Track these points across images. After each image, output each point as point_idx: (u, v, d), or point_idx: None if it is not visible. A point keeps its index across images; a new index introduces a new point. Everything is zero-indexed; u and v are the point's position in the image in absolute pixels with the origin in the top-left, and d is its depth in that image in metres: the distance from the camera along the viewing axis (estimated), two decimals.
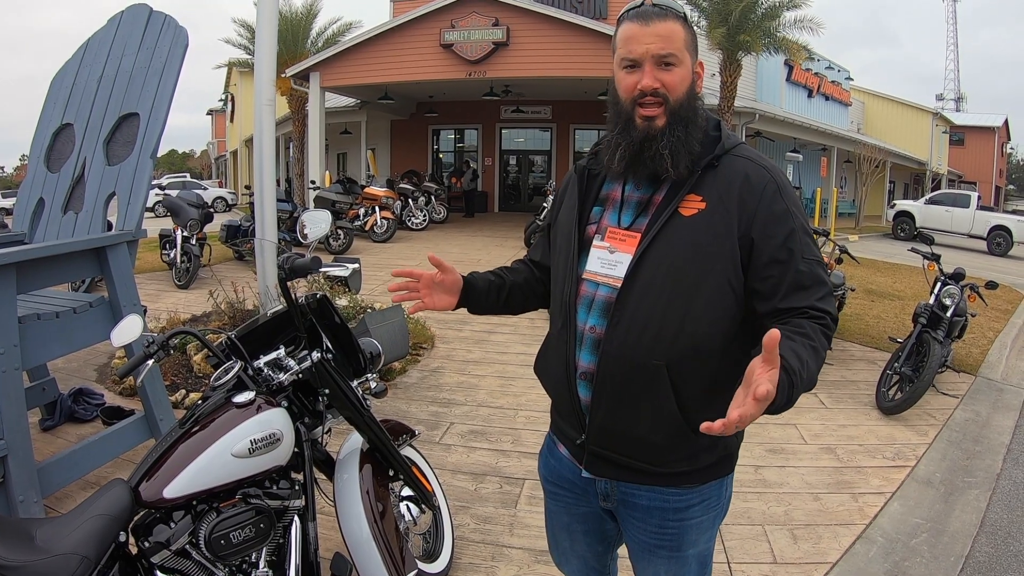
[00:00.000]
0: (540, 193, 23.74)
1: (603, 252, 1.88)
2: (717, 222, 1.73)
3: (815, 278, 1.72)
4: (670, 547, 1.95)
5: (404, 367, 6.73)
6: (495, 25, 17.68)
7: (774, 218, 1.72)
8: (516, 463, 4.75)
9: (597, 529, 2.14)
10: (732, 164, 1.78)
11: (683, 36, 1.78)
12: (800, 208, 1.78)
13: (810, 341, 1.62)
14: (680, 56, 1.77)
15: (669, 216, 1.77)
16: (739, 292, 1.75)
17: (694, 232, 1.74)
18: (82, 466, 3.99)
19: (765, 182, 1.75)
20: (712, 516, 1.96)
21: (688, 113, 1.80)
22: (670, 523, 1.92)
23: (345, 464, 2.88)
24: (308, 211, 2.92)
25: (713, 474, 1.91)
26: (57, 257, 3.84)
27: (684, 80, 1.79)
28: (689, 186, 1.78)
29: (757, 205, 1.72)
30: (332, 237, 14.78)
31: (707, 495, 1.92)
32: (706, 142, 1.83)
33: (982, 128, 51.00)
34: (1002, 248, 22.88)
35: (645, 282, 1.77)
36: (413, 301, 2.10)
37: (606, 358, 1.82)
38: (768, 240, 1.71)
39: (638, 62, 1.79)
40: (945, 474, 4.96)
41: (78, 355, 6.57)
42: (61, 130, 4.81)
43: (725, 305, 1.74)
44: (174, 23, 4.48)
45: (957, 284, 6.80)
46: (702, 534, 1.96)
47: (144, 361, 2.46)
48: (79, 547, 1.89)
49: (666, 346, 1.75)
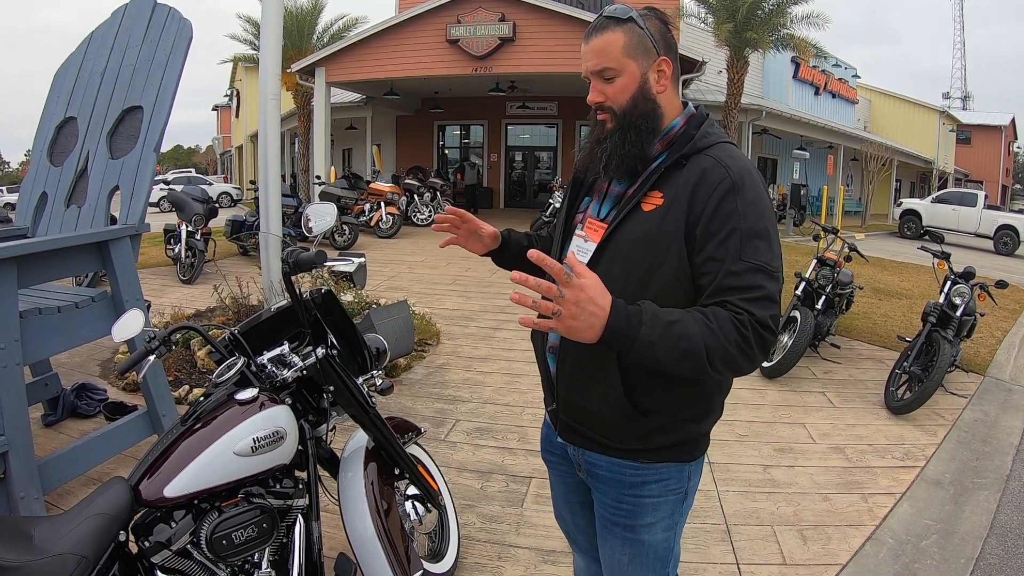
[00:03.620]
0: (545, 190, 23.76)
1: (580, 240, 2.00)
2: (670, 219, 1.77)
3: (748, 281, 1.68)
4: (624, 524, 2.02)
5: (409, 363, 6.70)
6: (501, 20, 17.63)
7: (719, 216, 1.72)
8: (523, 461, 4.71)
9: (592, 501, 2.20)
10: (697, 163, 1.80)
11: (621, 44, 1.82)
12: (759, 211, 1.74)
13: (704, 318, 1.64)
14: (618, 66, 1.83)
15: (630, 210, 1.84)
16: (687, 288, 1.77)
17: (648, 227, 1.80)
18: (84, 462, 3.97)
19: (719, 180, 1.74)
20: (671, 500, 1.99)
21: (636, 118, 1.85)
22: (626, 496, 1.99)
23: (350, 462, 2.85)
24: (313, 205, 2.88)
25: (671, 456, 1.94)
26: (59, 251, 3.81)
27: (626, 88, 1.85)
28: (652, 182, 1.83)
29: (706, 203, 1.73)
30: (337, 232, 14.76)
31: (666, 475, 1.96)
32: (682, 140, 1.87)
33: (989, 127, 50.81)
34: (1009, 247, 22.79)
35: (603, 271, 1.77)
36: (447, 236, 2.27)
37: (565, 337, 1.85)
38: (709, 238, 1.72)
39: (588, 79, 1.90)
40: (955, 475, 4.92)
41: (81, 350, 6.56)
42: (64, 124, 4.79)
43: (675, 300, 1.75)
44: (178, 16, 4.45)
45: (967, 283, 6.75)
46: (659, 517, 1.99)
47: (146, 356, 2.43)
48: (77, 547, 1.85)
49: None
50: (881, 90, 42.47)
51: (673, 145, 1.88)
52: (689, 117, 1.93)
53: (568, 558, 3.56)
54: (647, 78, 1.85)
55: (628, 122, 1.85)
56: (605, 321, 1.57)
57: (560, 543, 3.70)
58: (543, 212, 15.49)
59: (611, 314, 1.57)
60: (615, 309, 1.58)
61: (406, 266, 12.76)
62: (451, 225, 2.24)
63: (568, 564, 3.52)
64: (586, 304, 1.54)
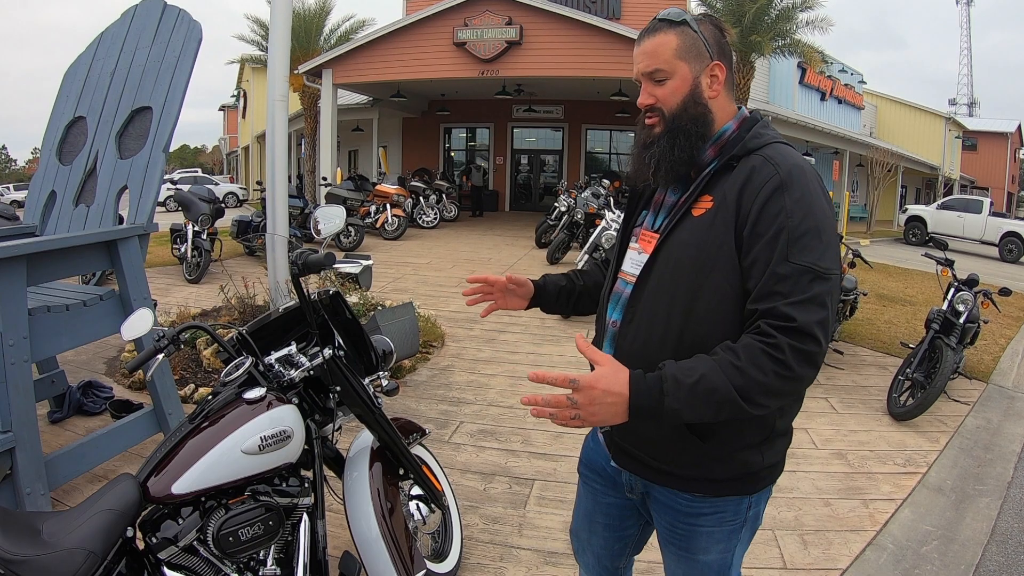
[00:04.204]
0: (551, 193, 23.73)
1: (634, 253, 1.97)
2: (719, 222, 1.73)
3: (794, 284, 1.62)
4: (679, 546, 1.98)
5: (414, 365, 6.72)
6: (508, 24, 17.68)
7: (766, 216, 1.67)
8: (526, 463, 4.73)
9: (617, 525, 2.19)
10: (747, 163, 1.75)
11: (674, 46, 1.80)
12: (809, 208, 1.67)
13: (733, 357, 1.60)
14: (669, 68, 1.80)
15: (680, 216, 1.81)
16: (739, 293, 1.72)
17: (699, 232, 1.76)
18: (90, 459, 3.99)
19: (767, 178, 1.69)
20: (727, 530, 1.92)
21: (686, 122, 1.81)
22: (680, 525, 1.94)
23: (355, 462, 2.87)
24: (322, 207, 2.91)
25: (730, 489, 1.87)
26: (68, 250, 3.83)
27: (677, 91, 1.82)
28: (702, 186, 1.80)
29: (753, 202, 1.69)
30: (343, 234, 14.79)
31: (722, 508, 1.89)
32: (734, 144, 1.81)
33: (995, 133, 50.67)
34: (1014, 255, 22.74)
35: (654, 281, 1.82)
36: (486, 304, 2.32)
37: (619, 353, 1.88)
38: (756, 239, 1.68)
39: (639, 81, 1.87)
40: (956, 481, 4.92)
41: (87, 348, 6.59)
42: (74, 123, 4.82)
43: (726, 307, 1.72)
44: (188, 17, 4.48)
45: (971, 290, 6.75)
46: (714, 544, 1.94)
47: (154, 355, 2.45)
48: (86, 542, 1.88)
49: (671, 346, 1.77)
50: (887, 96, 42.40)
51: (725, 149, 1.83)
52: (742, 120, 1.88)
53: (570, 560, 3.58)
54: (699, 82, 1.82)
55: (678, 126, 1.81)
56: (627, 405, 1.57)
57: (562, 545, 3.72)
58: (548, 215, 15.47)
59: (631, 395, 1.57)
60: (634, 389, 1.58)
61: (411, 268, 12.78)
62: (482, 294, 2.28)
63: (570, 566, 3.54)
64: (602, 398, 1.56)
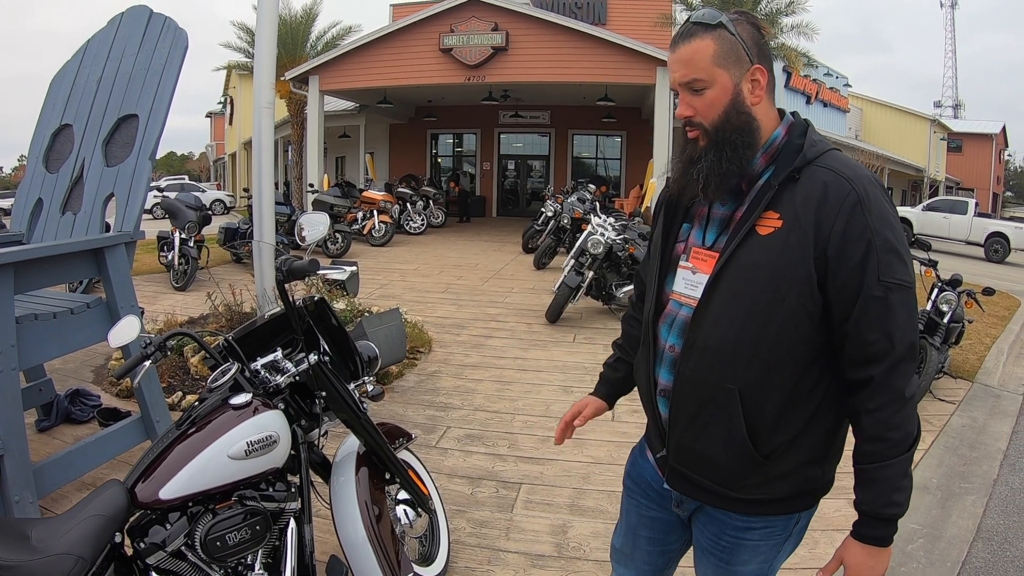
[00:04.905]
0: (538, 198, 23.75)
1: (687, 272, 1.85)
2: (793, 242, 1.63)
3: (887, 306, 1.60)
4: (720, 557, 1.94)
5: (401, 371, 6.73)
6: (494, 30, 17.72)
7: (851, 236, 1.59)
8: (512, 467, 4.75)
9: (660, 539, 2.13)
10: (813, 176, 1.66)
11: (711, 52, 1.68)
12: (887, 222, 1.62)
13: (885, 447, 1.65)
14: (708, 77, 1.69)
15: (745, 235, 1.70)
16: (816, 317, 1.66)
17: (769, 252, 1.66)
18: (78, 467, 3.98)
19: (845, 194, 1.61)
20: (772, 544, 1.90)
21: (731, 133, 1.72)
22: (726, 535, 1.90)
23: (341, 467, 2.89)
24: (306, 214, 2.92)
25: (786, 508, 1.85)
26: (55, 258, 3.84)
27: (717, 101, 1.71)
28: (766, 202, 1.68)
29: (833, 222, 1.60)
30: (330, 241, 14.77)
31: (772, 523, 1.87)
32: (788, 152, 1.74)
33: (980, 135, 51.03)
34: (999, 255, 22.92)
35: (720, 305, 1.73)
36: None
37: (681, 379, 1.81)
38: (843, 262, 1.60)
39: (675, 90, 1.77)
40: (942, 480, 4.97)
41: (75, 356, 6.57)
42: (60, 131, 4.82)
43: (801, 331, 1.67)
44: (174, 25, 4.48)
45: (954, 290, 6.84)
46: (756, 555, 1.91)
47: (141, 362, 2.46)
48: (74, 547, 1.89)
49: (739, 371, 1.71)
50: (873, 99, 42.61)
51: (779, 158, 1.74)
52: (790, 126, 1.79)
53: (557, 563, 3.61)
54: (740, 89, 1.71)
55: (722, 138, 1.71)
56: (887, 555, 1.70)
57: (550, 547, 3.75)
58: (535, 221, 15.51)
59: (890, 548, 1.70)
60: (888, 542, 1.69)
61: (398, 274, 12.79)
62: (571, 430, 2.23)
63: (556, 569, 3.57)
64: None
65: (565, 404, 5.74)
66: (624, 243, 9.23)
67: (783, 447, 1.74)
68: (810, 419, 1.74)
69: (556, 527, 3.98)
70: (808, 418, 1.74)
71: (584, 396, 2.28)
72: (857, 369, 1.66)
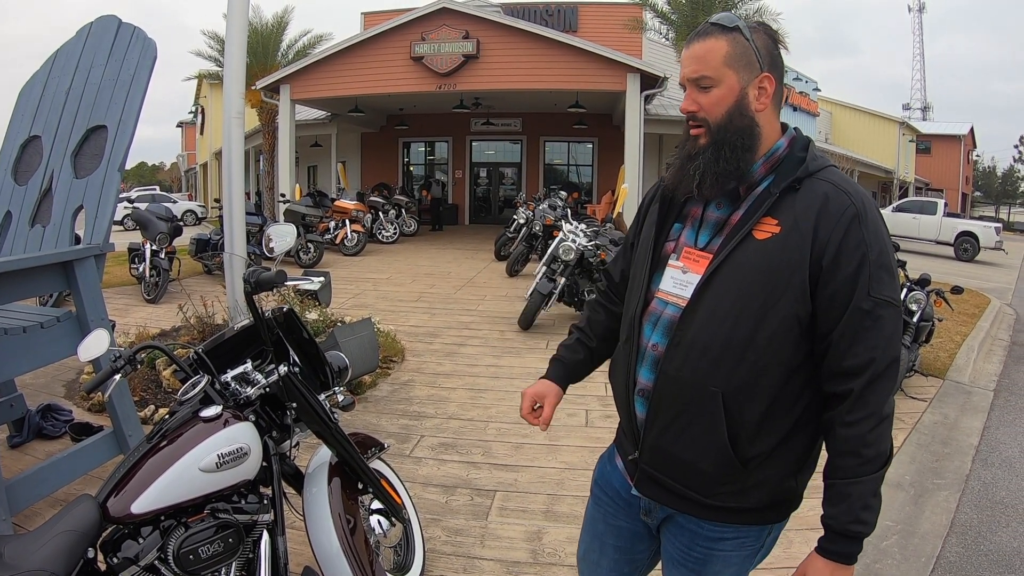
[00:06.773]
0: (510, 205, 23.80)
1: (676, 272, 1.86)
2: (790, 247, 1.66)
3: (874, 318, 1.64)
4: (691, 568, 1.93)
5: (374, 380, 6.73)
6: (465, 38, 17.76)
7: (847, 248, 1.63)
8: (487, 475, 4.76)
9: (627, 548, 2.13)
10: (813, 187, 1.70)
11: (723, 53, 1.72)
12: (881, 238, 1.66)
13: (857, 461, 1.67)
14: (716, 76, 1.73)
15: (742, 239, 1.72)
16: (806, 324, 1.69)
17: (766, 257, 1.68)
18: (51, 483, 3.95)
19: (844, 207, 1.65)
20: (744, 555, 1.90)
21: (732, 134, 1.75)
22: (698, 547, 1.89)
23: (314, 478, 2.89)
24: (274, 225, 2.94)
25: (759, 518, 1.87)
26: (24, 271, 3.81)
27: (722, 100, 1.74)
28: (766, 208, 1.71)
29: (831, 232, 1.64)
30: (302, 251, 14.72)
31: (744, 534, 1.87)
32: (790, 162, 1.77)
33: (948, 136, 51.75)
34: (969, 254, 23.40)
35: (710, 305, 1.74)
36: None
37: (663, 377, 1.81)
38: (836, 271, 1.64)
39: (684, 85, 1.80)
40: (915, 476, 5.05)
41: (46, 371, 6.50)
42: (29, 142, 4.77)
43: (791, 337, 1.69)
44: (143, 35, 4.46)
45: (923, 289, 6.96)
46: (728, 566, 1.91)
47: (111, 376, 2.45)
48: (47, 563, 1.88)
49: (725, 373, 1.72)
50: (842, 102, 43.02)
51: (780, 168, 1.78)
52: (792, 139, 1.82)
53: (532, 569, 3.63)
54: (746, 93, 1.74)
55: (723, 138, 1.74)
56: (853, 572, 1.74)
57: (525, 555, 3.77)
58: (507, 228, 15.54)
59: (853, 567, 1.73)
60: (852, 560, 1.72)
61: (371, 283, 12.77)
62: (532, 416, 2.19)
63: (532, 574, 3.58)
64: None
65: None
66: (595, 249, 9.27)
67: (763, 455, 1.75)
68: (792, 429, 1.75)
69: (531, 533, 4.00)
70: (790, 428, 1.75)
71: (536, 382, 2.24)
72: (836, 382, 1.69)
